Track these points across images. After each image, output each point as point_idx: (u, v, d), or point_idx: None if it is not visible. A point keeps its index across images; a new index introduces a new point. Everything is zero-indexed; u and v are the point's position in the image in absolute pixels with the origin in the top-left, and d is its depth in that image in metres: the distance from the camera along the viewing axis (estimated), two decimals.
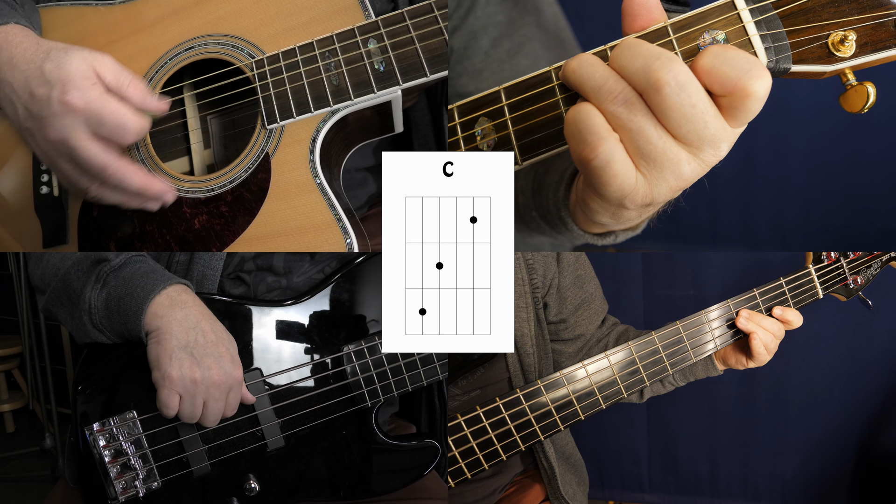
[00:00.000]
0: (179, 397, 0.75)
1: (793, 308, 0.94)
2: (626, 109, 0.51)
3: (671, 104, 0.50)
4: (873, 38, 0.52)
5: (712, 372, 1.02)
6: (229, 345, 0.78)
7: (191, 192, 0.77)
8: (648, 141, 0.51)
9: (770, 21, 0.53)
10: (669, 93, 0.49)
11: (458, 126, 0.61)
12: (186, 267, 0.85)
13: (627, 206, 0.55)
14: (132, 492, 0.77)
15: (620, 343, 0.90)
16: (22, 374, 2.74)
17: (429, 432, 1.03)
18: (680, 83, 0.49)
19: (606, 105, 0.52)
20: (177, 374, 0.74)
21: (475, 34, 0.95)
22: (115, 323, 0.77)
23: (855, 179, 1.72)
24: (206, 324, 0.77)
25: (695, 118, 0.50)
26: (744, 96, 0.49)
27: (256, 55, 0.77)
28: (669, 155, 0.52)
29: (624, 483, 1.88)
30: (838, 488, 1.70)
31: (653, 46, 0.51)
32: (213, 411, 0.77)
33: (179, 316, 0.76)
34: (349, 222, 0.72)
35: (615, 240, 0.77)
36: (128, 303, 0.76)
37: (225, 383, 0.76)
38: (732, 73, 0.49)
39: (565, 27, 1.03)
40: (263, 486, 0.83)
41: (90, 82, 0.68)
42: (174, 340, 0.74)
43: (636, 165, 0.53)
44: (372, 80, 0.74)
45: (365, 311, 0.89)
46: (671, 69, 0.49)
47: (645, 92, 0.51)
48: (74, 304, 0.80)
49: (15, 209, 0.84)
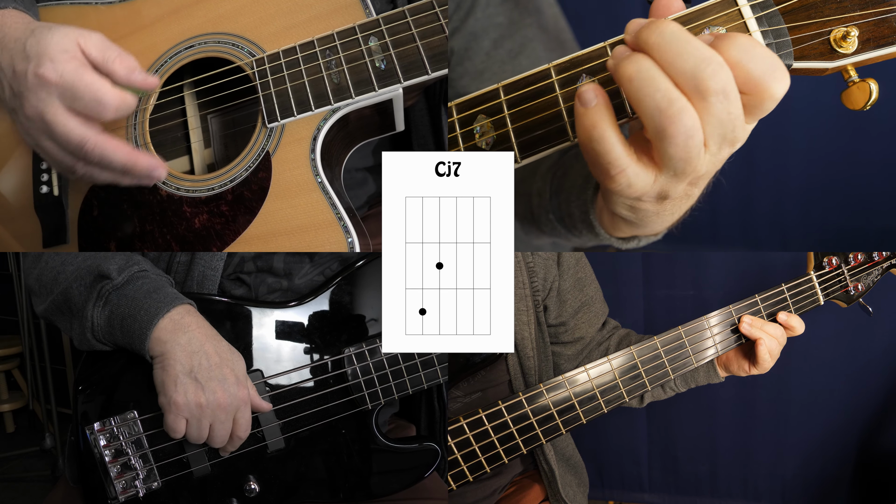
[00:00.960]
0: (186, 422, 0.75)
1: (794, 314, 0.94)
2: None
3: (713, 111, 0.49)
4: (876, 34, 0.52)
5: (714, 379, 1.01)
6: (234, 365, 0.78)
7: (191, 192, 0.77)
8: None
9: (771, 17, 0.53)
10: (714, 101, 0.49)
11: (456, 123, 0.61)
12: (187, 268, 0.85)
13: (643, 200, 0.57)
14: (132, 492, 0.77)
15: (622, 347, 0.90)
16: (22, 374, 2.73)
17: (429, 434, 1.02)
18: (726, 93, 0.49)
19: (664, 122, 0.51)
20: (182, 399, 0.74)
21: (476, 35, 0.95)
22: (119, 339, 0.77)
23: (855, 179, 1.72)
24: (210, 346, 0.77)
25: (728, 123, 0.50)
26: (765, 97, 0.50)
27: (257, 53, 0.77)
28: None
29: (624, 483, 1.87)
30: (838, 488, 1.70)
31: (701, 45, 0.49)
32: (220, 433, 0.76)
33: (183, 341, 0.75)
34: (350, 221, 0.72)
35: (638, 244, 0.77)
36: (131, 324, 0.76)
37: (230, 405, 0.76)
38: (758, 73, 0.49)
39: (566, 27, 1.03)
40: (263, 487, 0.83)
41: (68, 56, 0.66)
42: (178, 366, 0.74)
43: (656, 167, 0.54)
44: (373, 78, 0.73)
45: (365, 313, 0.88)
46: (721, 78, 0.49)
47: (690, 93, 0.50)
48: (75, 318, 0.79)
49: (15, 209, 0.84)
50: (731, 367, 0.98)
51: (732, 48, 0.49)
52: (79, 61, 0.67)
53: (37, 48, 0.67)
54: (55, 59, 0.66)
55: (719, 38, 0.50)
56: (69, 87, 0.66)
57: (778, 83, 0.49)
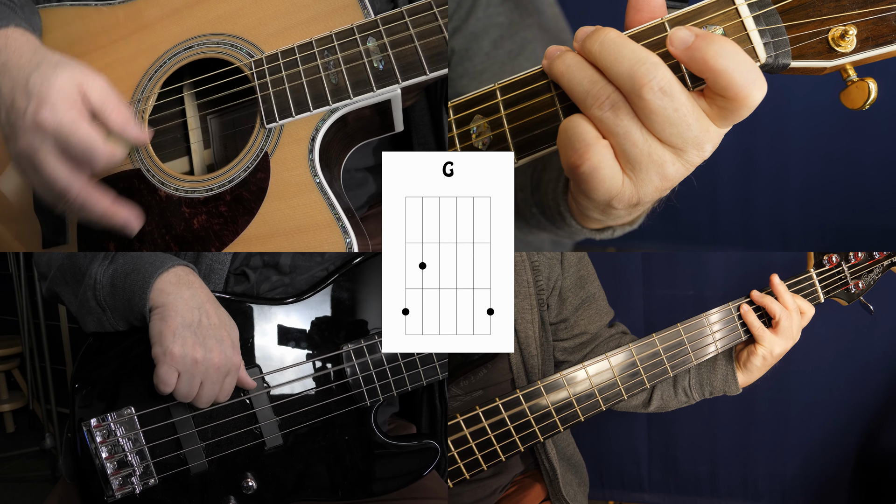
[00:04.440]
0: (178, 375, 0.75)
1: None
2: (613, 114, 0.52)
3: (654, 108, 0.50)
4: (874, 33, 0.52)
5: (732, 387, 0.99)
6: (231, 330, 0.79)
7: (190, 192, 0.77)
8: (634, 145, 0.52)
9: (769, 16, 0.53)
10: (653, 98, 0.50)
11: (452, 123, 0.61)
12: (194, 261, 0.85)
13: (615, 206, 0.56)
14: (129, 488, 0.77)
15: None
16: (22, 374, 2.74)
17: (429, 432, 1.02)
18: (663, 89, 0.50)
19: (594, 110, 0.53)
20: (179, 351, 0.74)
21: (476, 35, 0.95)
22: (119, 300, 0.78)
23: (855, 179, 1.72)
24: (211, 307, 0.78)
25: (678, 122, 0.51)
26: (742, 105, 0.50)
27: (255, 54, 0.77)
28: (654, 157, 0.53)
29: (624, 483, 1.87)
30: (838, 488, 1.70)
31: (638, 48, 0.51)
32: (208, 393, 0.77)
33: (186, 295, 0.76)
34: (349, 222, 0.72)
35: (613, 234, 0.78)
36: (134, 278, 0.76)
37: (224, 366, 0.77)
38: (739, 80, 0.49)
39: (566, 28, 1.03)
40: (261, 484, 0.83)
41: (68, 103, 0.67)
42: (179, 318, 0.75)
43: (622, 168, 0.54)
44: (371, 78, 0.73)
45: (365, 311, 0.88)
46: (655, 75, 0.50)
47: (629, 96, 0.51)
48: (79, 282, 0.80)
49: (16, 209, 0.84)
50: (753, 356, 0.95)
51: (716, 54, 0.49)
52: (77, 111, 0.68)
53: (39, 88, 0.68)
54: (55, 106, 0.67)
55: (700, 39, 0.50)
56: (63, 137, 0.68)
57: (758, 91, 0.50)
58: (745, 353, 0.96)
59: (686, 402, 1.04)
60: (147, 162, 0.78)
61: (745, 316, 0.93)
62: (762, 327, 0.93)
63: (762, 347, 0.93)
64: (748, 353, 0.96)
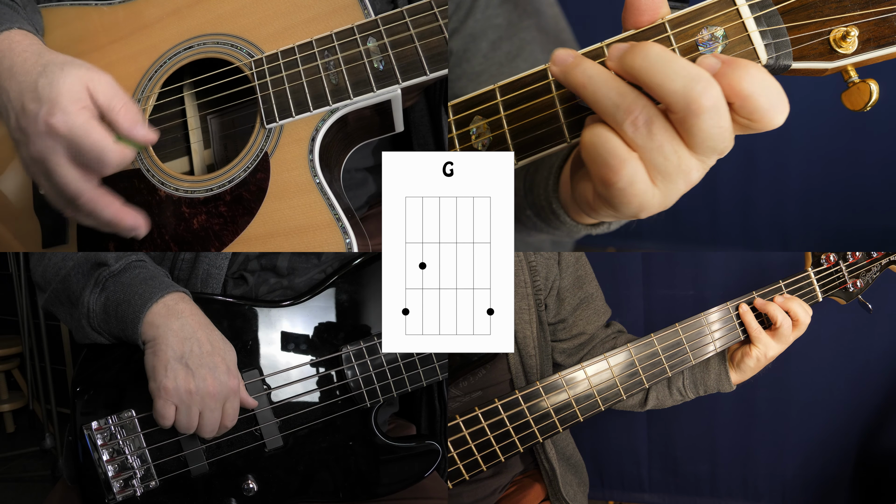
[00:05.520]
0: (175, 408, 0.75)
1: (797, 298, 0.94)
2: (646, 129, 0.51)
3: (705, 127, 0.49)
4: (876, 34, 0.52)
5: (725, 385, 1.00)
6: (225, 354, 0.78)
7: (190, 192, 0.76)
8: (666, 157, 0.51)
9: (770, 17, 0.53)
10: (707, 118, 0.49)
11: (452, 124, 0.61)
12: (191, 266, 0.85)
13: (641, 216, 0.56)
14: (130, 491, 0.77)
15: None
16: (22, 374, 2.73)
17: (429, 433, 1.02)
18: (717, 108, 0.49)
19: (626, 126, 0.51)
20: (172, 385, 0.74)
21: (474, 37, 0.95)
22: (113, 328, 0.78)
23: (855, 179, 1.72)
24: (203, 333, 0.77)
25: (720, 137, 0.50)
26: (765, 127, 0.50)
27: (255, 54, 0.77)
28: (683, 167, 0.52)
29: (624, 483, 1.87)
30: (838, 488, 1.70)
31: (687, 63, 0.49)
32: (210, 422, 0.76)
33: (175, 326, 0.76)
34: (349, 222, 0.72)
35: (609, 228, 0.77)
36: (125, 309, 0.76)
37: (220, 394, 0.76)
38: (765, 104, 0.49)
39: (566, 28, 1.02)
40: (262, 486, 0.83)
41: (78, 106, 0.68)
42: (169, 351, 0.74)
43: (652, 180, 0.53)
44: (371, 78, 0.73)
45: (364, 312, 0.88)
46: (711, 94, 0.49)
47: (679, 113, 0.49)
48: (73, 306, 0.80)
49: (16, 209, 0.84)
50: (747, 357, 0.95)
51: (745, 80, 0.49)
52: (89, 112, 0.68)
53: (49, 92, 0.68)
54: (66, 111, 0.67)
55: (727, 65, 0.50)
56: (76, 142, 0.68)
57: (781, 116, 0.50)
58: (740, 353, 0.96)
59: (681, 399, 1.05)
60: (147, 162, 0.78)
61: (743, 316, 0.93)
62: (760, 329, 0.93)
63: (757, 349, 0.93)
64: (742, 354, 0.96)
